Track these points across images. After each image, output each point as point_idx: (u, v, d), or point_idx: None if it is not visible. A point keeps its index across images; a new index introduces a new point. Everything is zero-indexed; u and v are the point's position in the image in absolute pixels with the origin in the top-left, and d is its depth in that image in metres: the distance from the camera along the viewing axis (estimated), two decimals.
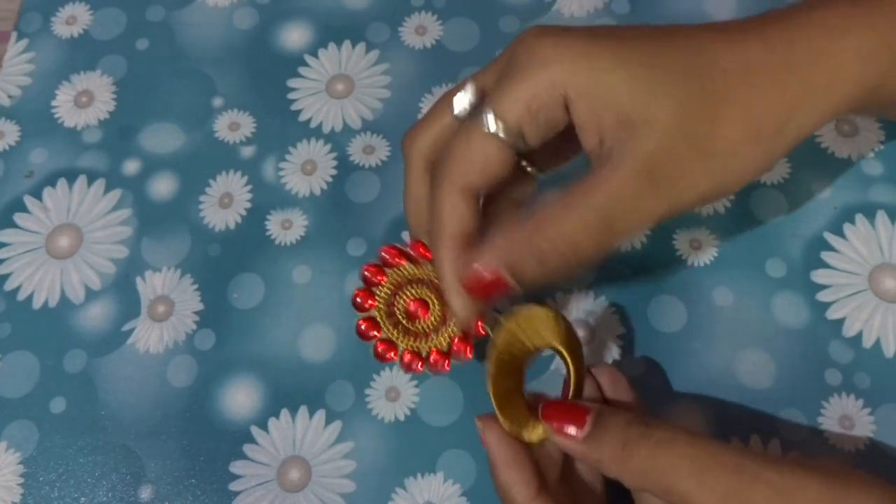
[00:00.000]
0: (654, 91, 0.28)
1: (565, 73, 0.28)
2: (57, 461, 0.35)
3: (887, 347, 0.36)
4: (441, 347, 0.33)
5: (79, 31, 0.45)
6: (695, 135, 0.28)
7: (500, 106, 0.29)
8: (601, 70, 0.28)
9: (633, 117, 0.28)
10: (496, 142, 0.29)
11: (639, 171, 0.28)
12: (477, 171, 0.29)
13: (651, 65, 0.28)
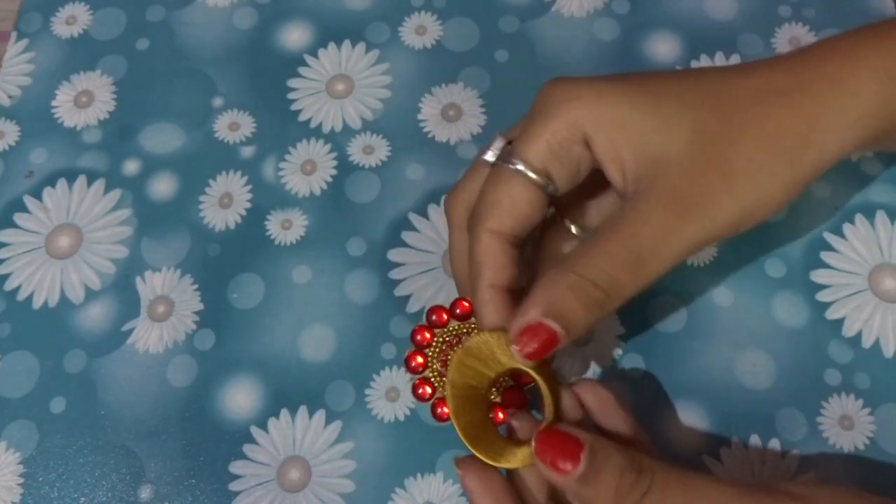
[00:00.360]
0: (667, 121, 0.29)
1: (581, 110, 0.29)
2: (57, 461, 0.35)
3: (887, 347, 0.36)
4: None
5: (79, 31, 0.45)
6: (712, 158, 0.28)
7: (523, 147, 0.30)
8: (613, 105, 0.29)
9: (649, 150, 0.29)
10: (522, 181, 0.30)
11: (663, 203, 0.28)
12: (507, 214, 0.30)
13: (661, 95, 0.29)
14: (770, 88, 0.30)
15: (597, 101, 0.29)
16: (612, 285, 0.28)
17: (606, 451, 0.27)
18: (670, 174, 0.28)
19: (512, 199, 0.30)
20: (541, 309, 0.27)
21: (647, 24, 0.43)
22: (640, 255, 0.28)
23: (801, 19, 0.43)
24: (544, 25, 0.44)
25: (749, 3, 0.44)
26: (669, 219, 0.28)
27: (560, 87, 0.30)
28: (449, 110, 0.42)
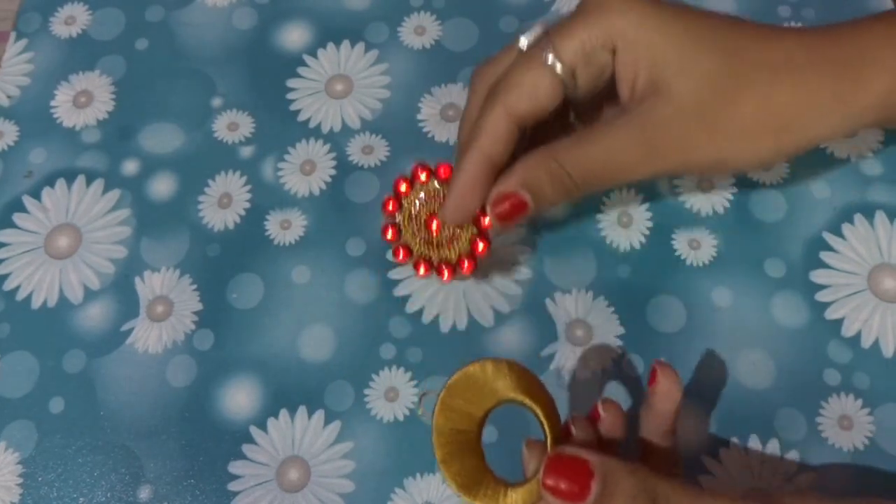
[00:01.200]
0: (686, 61, 0.31)
1: (619, 22, 0.31)
2: (56, 461, 0.35)
3: (886, 347, 0.36)
4: (450, 260, 0.35)
5: (78, 32, 0.45)
6: (708, 115, 0.31)
7: (560, 42, 0.31)
8: (649, 28, 0.31)
9: (660, 81, 0.31)
10: (550, 73, 0.31)
11: (649, 138, 0.31)
12: (525, 96, 0.32)
13: (693, 35, 0.31)
14: (790, 64, 0.31)
15: (639, 19, 0.31)
16: (583, 181, 0.32)
17: (617, 475, 0.26)
18: (665, 114, 0.31)
19: (534, 86, 0.32)
20: (518, 181, 0.32)
21: None
22: (614, 168, 0.32)
23: (800, 19, 0.43)
24: None
25: (749, 3, 0.44)
26: (649, 150, 0.31)
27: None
28: (448, 110, 0.42)
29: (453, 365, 0.36)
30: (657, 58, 0.31)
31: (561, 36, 0.32)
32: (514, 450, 0.34)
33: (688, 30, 0.31)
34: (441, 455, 0.28)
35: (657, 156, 0.32)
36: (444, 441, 0.28)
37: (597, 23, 0.31)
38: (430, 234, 0.35)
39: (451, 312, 0.37)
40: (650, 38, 0.31)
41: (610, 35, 0.31)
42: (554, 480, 0.26)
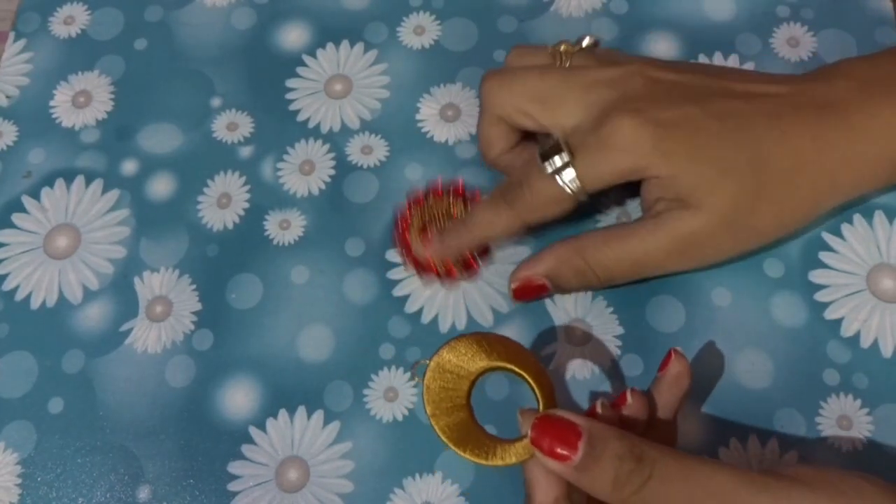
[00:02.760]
0: (713, 185, 0.32)
1: (641, 161, 0.33)
2: (55, 462, 0.35)
3: (885, 347, 0.36)
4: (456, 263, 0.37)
5: (77, 31, 0.45)
6: (735, 224, 0.33)
7: (586, 180, 0.33)
8: (672, 160, 0.33)
9: (691, 200, 0.33)
10: (570, 198, 0.33)
11: (676, 243, 0.33)
12: (543, 216, 0.34)
13: (716, 162, 0.33)
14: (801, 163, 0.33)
15: (662, 155, 0.32)
16: (606, 279, 0.35)
17: (605, 438, 0.27)
18: (695, 225, 0.33)
19: (552, 209, 0.34)
20: (545, 272, 0.35)
21: (646, 24, 0.43)
22: (637, 268, 0.35)
23: (799, 19, 0.43)
24: (543, 25, 0.44)
25: (747, 4, 0.44)
26: (673, 256, 0.34)
27: (628, 130, 0.32)
28: (448, 110, 0.42)
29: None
30: (686, 184, 0.33)
31: (588, 175, 0.33)
32: None
33: (709, 148, 0.33)
34: (430, 409, 0.30)
35: (683, 259, 0.34)
36: (432, 398, 0.30)
37: (622, 163, 0.33)
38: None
39: (451, 312, 0.37)
40: (678, 171, 0.33)
41: (636, 172, 0.33)
42: (541, 438, 0.27)
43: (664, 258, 0.34)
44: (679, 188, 0.33)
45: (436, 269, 0.37)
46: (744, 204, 0.33)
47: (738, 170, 0.33)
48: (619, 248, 0.34)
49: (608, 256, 0.34)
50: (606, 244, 0.34)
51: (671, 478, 0.26)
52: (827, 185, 0.34)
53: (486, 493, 0.34)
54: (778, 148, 0.33)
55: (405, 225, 0.38)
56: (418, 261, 0.37)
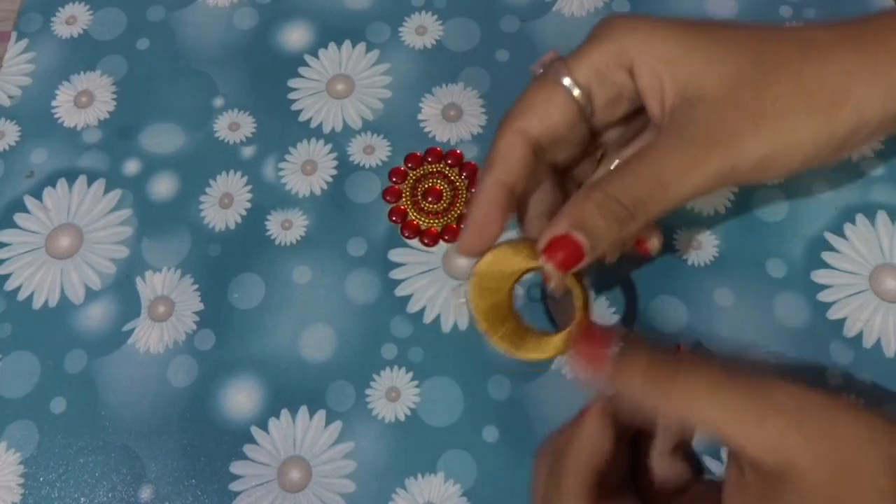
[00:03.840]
0: (710, 63, 0.30)
1: (632, 39, 0.30)
2: (57, 461, 0.35)
3: (888, 347, 0.36)
4: (451, 224, 0.39)
5: (79, 32, 0.45)
6: (746, 101, 0.29)
7: (574, 63, 0.31)
8: (663, 39, 0.30)
9: (688, 87, 0.30)
10: (563, 93, 0.31)
11: (689, 136, 0.29)
12: (538, 118, 0.31)
13: (711, 40, 0.30)
14: (816, 42, 0.30)
15: (650, 33, 0.30)
16: (635, 205, 0.29)
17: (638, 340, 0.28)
18: (701, 111, 0.29)
19: (547, 106, 0.31)
20: (568, 221, 0.29)
21: None
22: (663, 182, 0.29)
23: (801, 19, 0.43)
24: (545, 25, 0.44)
25: (749, 3, 0.44)
26: (693, 151, 0.29)
27: (619, 18, 0.31)
28: (449, 110, 0.42)
29: (455, 365, 0.36)
30: (679, 65, 0.30)
31: (574, 58, 0.31)
32: (514, 450, 0.34)
33: (703, 34, 0.30)
34: (485, 327, 0.30)
35: (702, 157, 0.29)
36: (478, 283, 0.30)
37: (609, 43, 0.31)
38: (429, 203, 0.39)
39: (453, 312, 0.37)
40: (667, 49, 0.30)
41: (625, 53, 0.30)
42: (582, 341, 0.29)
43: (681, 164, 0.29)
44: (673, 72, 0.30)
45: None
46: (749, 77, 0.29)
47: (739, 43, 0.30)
48: (633, 169, 0.30)
49: (627, 180, 0.29)
50: (621, 171, 0.30)
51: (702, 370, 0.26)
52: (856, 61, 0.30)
53: (488, 493, 0.34)
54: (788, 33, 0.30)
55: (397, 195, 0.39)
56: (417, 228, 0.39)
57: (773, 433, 0.25)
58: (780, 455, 0.25)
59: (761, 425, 0.25)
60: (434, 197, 0.39)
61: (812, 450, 0.25)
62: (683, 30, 0.31)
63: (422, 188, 0.40)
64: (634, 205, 0.29)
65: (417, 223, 0.39)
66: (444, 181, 0.40)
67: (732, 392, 0.26)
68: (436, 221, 0.39)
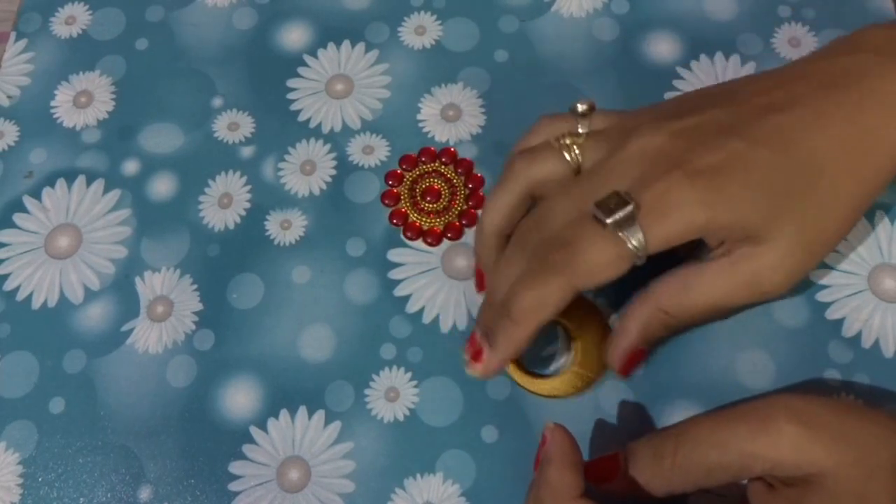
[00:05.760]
0: (778, 214, 0.31)
1: (705, 214, 0.30)
2: (56, 462, 0.35)
3: (886, 348, 0.36)
4: (453, 221, 0.39)
5: (78, 32, 0.45)
6: (808, 240, 0.32)
7: (650, 236, 0.30)
8: (733, 205, 0.30)
9: (761, 235, 0.31)
10: (629, 258, 0.30)
11: (752, 283, 0.31)
12: (597, 278, 0.30)
13: (773, 190, 0.31)
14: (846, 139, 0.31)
15: (717, 207, 0.30)
16: (690, 320, 0.33)
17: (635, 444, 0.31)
18: (766, 258, 0.31)
19: (609, 270, 0.30)
20: (640, 339, 0.33)
21: (647, 24, 0.43)
22: (715, 309, 0.32)
23: (800, 19, 0.43)
24: (544, 25, 0.44)
25: (749, 4, 0.44)
26: (745, 294, 0.32)
27: (682, 187, 0.30)
28: (448, 110, 0.42)
29: (454, 365, 0.36)
30: (751, 224, 0.31)
31: (649, 228, 0.30)
32: (513, 450, 0.34)
33: (771, 190, 0.31)
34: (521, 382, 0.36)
35: (761, 294, 0.32)
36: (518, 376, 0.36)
37: (686, 219, 0.30)
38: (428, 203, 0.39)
39: (452, 312, 0.37)
40: (742, 214, 0.31)
41: (701, 229, 0.31)
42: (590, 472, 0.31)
43: (746, 297, 0.32)
44: (745, 230, 0.31)
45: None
46: (811, 220, 0.31)
47: (797, 191, 0.31)
48: (697, 293, 0.32)
49: (688, 303, 0.32)
50: (683, 291, 0.32)
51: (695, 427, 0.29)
52: (884, 158, 0.32)
53: (487, 493, 0.34)
54: (828, 147, 0.31)
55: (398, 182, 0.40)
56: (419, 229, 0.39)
57: (788, 453, 0.27)
58: (802, 465, 0.27)
59: (777, 454, 0.27)
60: (433, 196, 0.39)
61: (832, 454, 0.27)
62: (745, 179, 0.31)
63: (420, 189, 0.40)
64: (689, 320, 0.33)
65: (419, 224, 0.39)
66: (441, 180, 0.40)
67: (738, 436, 0.28)
68: (437, 221, 0.39)
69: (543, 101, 0.42)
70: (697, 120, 0.32)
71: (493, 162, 0.40)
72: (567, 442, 0.30)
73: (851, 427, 0.27)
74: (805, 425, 0.27)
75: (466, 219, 0.39)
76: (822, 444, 0.27)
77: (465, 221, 0.39)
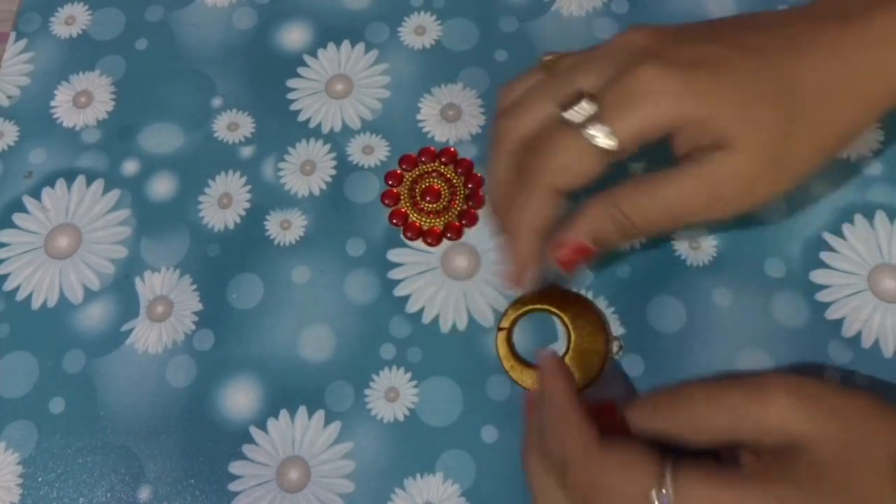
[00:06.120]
0: (746, 118, 0.31)
1: (674, 105, 0.31)
2: (56, 462, 0.35)
3: (886, 348, 0.36)
4: (452, 221, 0.39)
5: (78, 32, 0.45)
6: (774, 157, 0.31)
7: (617, 130, 0.31)
8: (703, 99, 0.31)
9: (727, 140, 0.31)
10: (599, 153, 0.31)
11: (717, 187, 0.31)
12: (574, 176, 0.32)
13: (744, 91, 0.31)
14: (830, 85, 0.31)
15: (691, 95, 0.31)
16: (644, 227, 0.33)
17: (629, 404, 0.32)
18: (736, 164, 0.31)
19: (582, 166, 0.31)
20: (584, 232, 0.32)
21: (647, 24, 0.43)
22: (673, 216, 0.32)
23: None
24: (544, 25, 0.44)
25: (749, 3, 0.44)
26: (712, 200, 0.32)
27: (654, 74, 0.31)
28: (448, 110, 0.42)
29: (454, 365, 0.36)
30: (718, 124, 0.31)
31: (617, 124, 0.31)
32: (513, 450, 0.34)
33: (736, 82, 0.31)
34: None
35: (722, 204, 0.32)
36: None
37: (650, 112, 0.31)
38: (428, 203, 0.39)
39: (451, 312, 0.37)
40: (710, 111, 0.31)
41: (665, 119, 0.31)
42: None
43: (705, 205, 0.32)
44: (713, 130, 0.31)
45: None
46: (779, 134, 0.31)
47: (768, 99, 0.31)
48: (656, 195, 0.32)
49: (646, 205, 0.32)
50: (643, 192, 0.32)
51: (693, 397, 0.30)
52: (860, 100, 0.32)
53: (487, 493, 0.34)
54: (803, 70, 0.31)
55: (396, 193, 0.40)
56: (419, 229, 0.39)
57: (776, 417, 0.27)
58: (789, 430, 0.27)
59: (765, 419, 0.28)
60: (432, 196, 0.39)
61: (818, 423, 0.27)
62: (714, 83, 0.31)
63: (419, 189, 0.40)
64: (646, 226, 0.32)
65: (419, 224, 0.39)
66: (440, 180, 0.40)
67: (731, 398, 0.29)
68: (437, 220, 0.39)
69: None
70: (683, 27, 0.33)
71: None
72: (568, 373, 0.31)
73: (842, 402, 0.28)
74: (797, 396, 0.28)
75: (466, 219, 0.39)
76: (809, 414, 0.27)
77: (465, 221, 0.39)
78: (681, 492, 0.26)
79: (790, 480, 0.26)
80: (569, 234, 0.33)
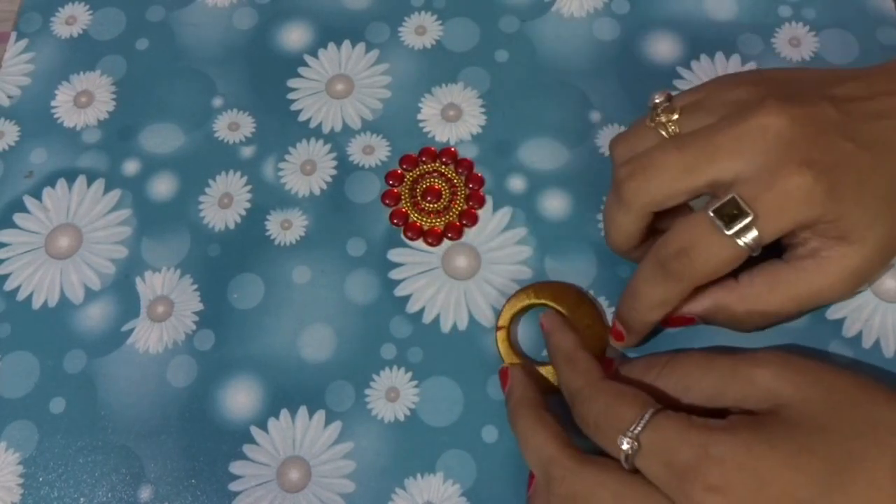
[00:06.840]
0: (874, 220, 0.31)
1: (819, 209, 0.31)
2: (56, 461, 0.35)
3: (887, 347, 0.36)
4: (453, 221, 0.39)
5: (78, 31, 0.45)
6: (889, 250, 0.32)
7: (766, 236, 0.31)
8: (844, 203, 0.31)
9: (854, 236, 0.31)
10: (747, 253, 0.31)
11: (844, 279, 0.32)
12: (713, 275, 0.32)
13: (875, 194, 0.31)
14: None
15: (830, 204, 0.31)
16: (763, 321, 0.34)
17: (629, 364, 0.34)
18: (856, 260, 0.32)
19: (729, 268, 0.31)
20: (702, 313, 0.34)
21: (647, 24, 0.43)
22: (801, 308, 0.33)
23: (801, 19, 0.43)
24: (544, 25, 0.44)
25: (749, 3, 0.44)
26: (839, 293, 0.33)
27: (804, 184, 0.31)
28: (449, 110, 0.42)
29: (454, 365, 0.36)
30: (849, 223, 0.31)
31: (767, 229, 0.31)
32: (514, 450, 0.34)
33: (871, 194, 0.31)
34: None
35: (846, 294, 0.34)
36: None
37: (804, 216, 0.31)
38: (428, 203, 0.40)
39: (452, 312, 0.37)
40: (844, 212, 0.31)
41: (811, 222, 0.31)
42: None
43: (830, 295, 0.33)
44: (843, 227, 0.31)
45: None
46: (894, 229, 0.32)
47: (888, 198, 0.32)
48: (785, 293, 0.32)
49: (773, 303, 0.33)
50: (772, 292, 0.33)
51: (688, 360, 0.32)
52: None
53: (488, 493, 0.34)
54: None
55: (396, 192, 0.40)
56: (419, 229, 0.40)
57: (762, 382, 0.29)
58: (771, 399, 0.29)
59: (752, 383, 0.29)
60: (433, 196, 0.39)
61: (801, 389, 0.28)
62: (855, 176, 0.31)
63: (420, 188, 0.40)
64: (763, 320, 0.34)
65: (419, 224, 0.39)
66: (441, 179, 0.40)
67: (721, 363, 0.31)
68: (438, 220, 0.39)
69: (543, 101, 0.42)
70: (811, 111, 0.32)
71: (494, 162, 0.40)
72: (573, 327, 0.35)
73: (828, 373, 0.29)
74: (783, 366, 0.29)
75: (467, 219, 0.39)
76: (794, 381, 0.29)
77: (466, 221, 0.39)
78: (654, 422, 0.28)
79: (763, 434, 0.27)
80: (687, 310, 0.34)
